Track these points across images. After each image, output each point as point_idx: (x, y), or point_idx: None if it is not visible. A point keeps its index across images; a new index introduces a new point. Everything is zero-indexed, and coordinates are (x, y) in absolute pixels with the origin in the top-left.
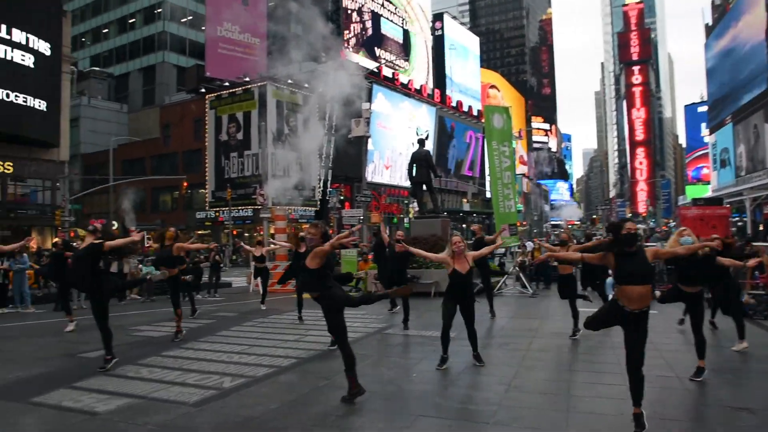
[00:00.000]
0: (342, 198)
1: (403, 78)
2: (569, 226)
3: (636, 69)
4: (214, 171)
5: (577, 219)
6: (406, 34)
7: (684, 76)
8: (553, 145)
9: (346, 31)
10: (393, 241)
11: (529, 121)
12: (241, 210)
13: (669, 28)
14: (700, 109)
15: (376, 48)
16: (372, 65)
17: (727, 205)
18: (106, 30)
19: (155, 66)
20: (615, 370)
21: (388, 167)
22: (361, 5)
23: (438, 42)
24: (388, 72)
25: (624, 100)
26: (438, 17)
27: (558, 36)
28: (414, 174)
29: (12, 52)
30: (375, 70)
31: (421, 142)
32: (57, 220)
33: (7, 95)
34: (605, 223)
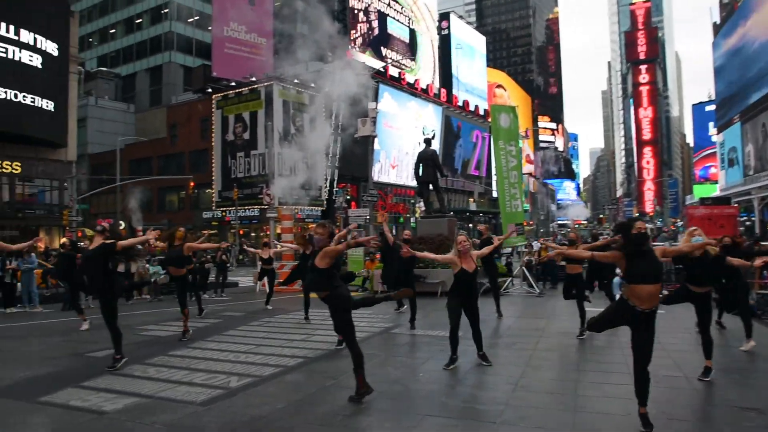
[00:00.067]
0: (348, 198)
1: (409, 77)
2: (576, 226)
3: (643, 68)
4: (220, 171)
5: (584, 218)
6: (413, 33)
7: (691, 75)
8: (559, 144)
9: (353, 31)
10: (400, 241)
11: (535, 121)
12: (248, 210)
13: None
14: (708, 108)
15: (383, 47)
16: (378, 65)
17: (735, 204)
18: (113, 30)
19: (162, 66)
20: (622, 370)
21: (395, 167)
22: (368, 5)
23: (444, 41)
24: (394, 71)
25: (631, 99)
26: (444, 16)
27: (564, 35)
28: (420, 173)
29: (20, 52)
30: (381, 69)
31: (427, 142)
32: (64, 219)
33: (15, 96)
34: (612, 223)
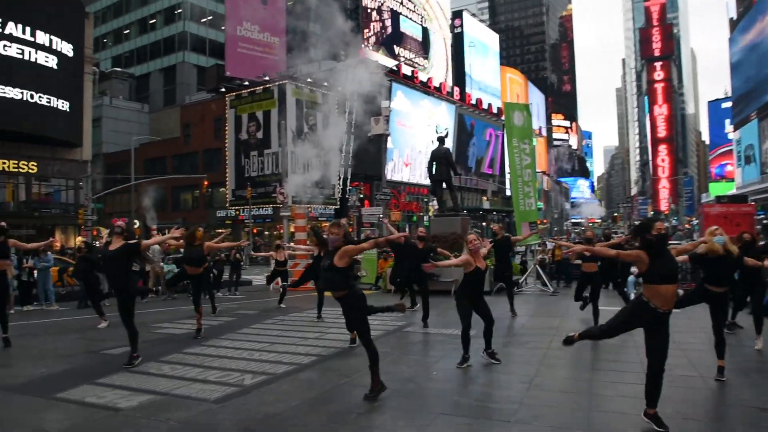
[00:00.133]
0: (361, 196)
1: (422, 76)
2: (590, 224)
3: (658, 65)
4: (234, 170)
5: (598, 217)
6: (425, 31)
7: (706, 71)
8: (573, 142)
9: (366, 30)
10: (415, 240)
11: (549, 119)
12: (261, 208)
13: (692, 22)
14: (724, 105)
15: (396, 46)
16: (391, 63)
17: (752, 202)
18: (127, 31)
19: (176, 66)
20: (637, 369)
21: (408, 164)
22: (381, 3)
23: (457, 39)
24: (407, 70)
25: (646, 97)
26: (457, 14)
27: (578, 32)
28: (434, 172)
29: (36, 53)
30: (394, 68)
31: (440, 140)
32: (80, 218)
33: (31, 96)
34: (627, 221)
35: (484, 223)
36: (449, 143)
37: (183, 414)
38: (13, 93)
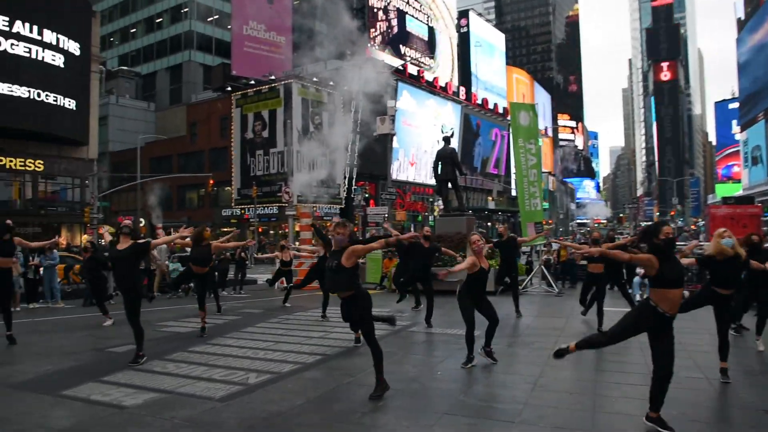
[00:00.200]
0: (367, 196)
1: (428, 75)
2: (596, 225)
3: (665, 65)
4: (239, 169)
5: (604, 218)
6: (431, 31)
7: (713, 72)
8: (579, 142)
9: (372, 29)
10: (421, 239)
11: (555, 119)
12: (267, 207)
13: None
14: (731, 105)
15: (401, 46)
16: (397, 63)
17: (759, 203)
18: (134, 30)
19: (182, 65)
20: (642, 371)
21: (413, 164)
22: (387, 3)
23: (463, 39)
24: (413, 70)
25: (652, 97)
26: (463, 14)
27: (585, 32)
28: (439, 172)
29: (43, 52)
30: (400, 67)
31: (446, 140)
32: (86, 217)
33: (38, 95)
34: (632, 222)
35: (489, 223)
36: (455, 143)
37: (188, 412)
38: (20, 91)
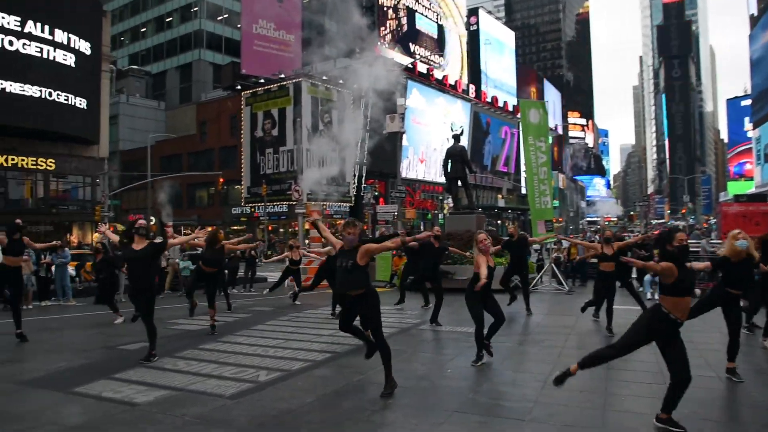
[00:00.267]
0: (376, 194)
1: (437, 74)
2: (606, 223)
3: (676, 62)
4: (249, 167)
5: (614, 216)
6: (441, 29)
7: (725, 69)
8: (589, 140)
9: (382, 27)
10: (431, 239)
11: (565, 117)
12: (276, 206)
13: (711, 19)
14: (743, 102)
15: (411, 44)
16: (407, 61)
17: None
18: (144, 29)
19: (192, 64)
20: (652, 369)
21: (423, 161)
22: (397, 1)
23: (473, 37)
24: (422, 68)
25: (663, 95)
26: (473, 12)
27: (595, 29)
28: (449, 169)
29: (54, 51)
30: (410, 66)
31: (456, 138)
32: (97, 215)
33: (49, 94)
34: (643, 220)
35: (499, 221)
36: (464, 141)
37: (198, 409)
38: (31, 91)
